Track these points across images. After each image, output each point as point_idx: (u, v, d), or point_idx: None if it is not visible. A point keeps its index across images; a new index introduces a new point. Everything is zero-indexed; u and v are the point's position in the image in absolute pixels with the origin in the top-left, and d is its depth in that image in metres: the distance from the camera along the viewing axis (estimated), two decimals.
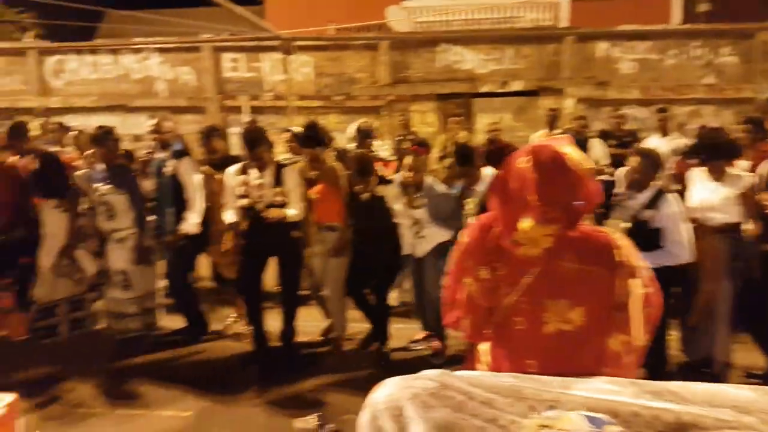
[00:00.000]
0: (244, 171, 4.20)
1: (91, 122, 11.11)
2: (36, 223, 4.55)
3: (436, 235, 4.08)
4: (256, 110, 12.46)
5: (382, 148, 6.02)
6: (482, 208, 3.86)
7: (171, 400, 3.74)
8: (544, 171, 1.69)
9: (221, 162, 4.58)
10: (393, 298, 4.84)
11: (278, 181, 4.15)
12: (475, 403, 1.54)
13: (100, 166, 4.55)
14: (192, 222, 4.48)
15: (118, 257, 4.49)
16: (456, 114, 10.19)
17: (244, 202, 4.13)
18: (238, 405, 3.70)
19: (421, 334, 4.43)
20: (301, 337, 4.51)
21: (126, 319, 4.57)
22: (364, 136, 5.61)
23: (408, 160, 4.20)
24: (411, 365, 4.16)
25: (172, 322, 4.84)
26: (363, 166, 4.21)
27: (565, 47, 10.80)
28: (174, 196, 4.53)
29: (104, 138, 4.48)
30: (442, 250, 3.99)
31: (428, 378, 1.61)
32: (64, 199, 4.41)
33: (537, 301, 1.78)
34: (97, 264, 4.60)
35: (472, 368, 1.95)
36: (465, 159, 4.09)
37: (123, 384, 3.95)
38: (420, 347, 4.39)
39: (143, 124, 12.66)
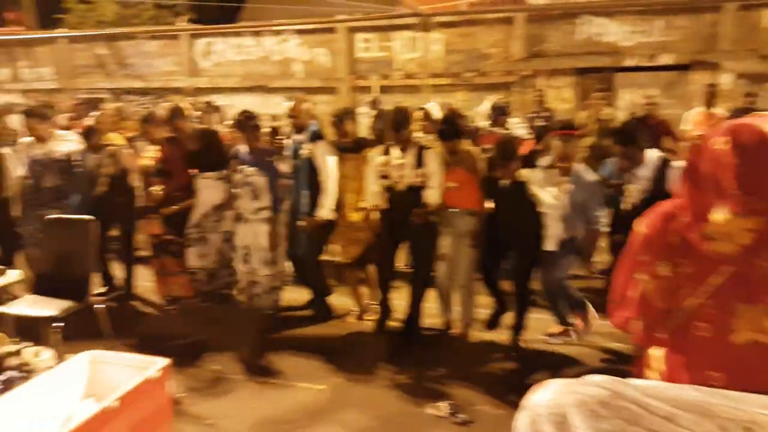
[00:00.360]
0: (386, 151, 4.17)
1: (234, 102, 11.80)
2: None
3: (573, 225, 3.82)
4: (385, 90, 12.51)
5: (518, 126, 5.71)
6: (650, 196, 3.52)
7: (304, 374, 3.83)
8: (747, 154, 1.42)
9: (353, 145, 4.52)
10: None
11: (419, 162, 4.08)
12: (655, 418, 1.34)
13: (244, 148, 4.74)
14: (327, 207, 4.47)
15: (264, 235, 4.67)
16: (599, 89, 9.53)
17: (385, 182, 4.11)
18: (369, 384, 3.71)
19: (558, 328, 4.19)
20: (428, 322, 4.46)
21: (262, 295, 4.73)
22: (500, 113, 5.35)
23: (557, 144, 3.90)
24: (545, 360, 4.00)
25: (298, 300, 4.98)
26: (506, 149, 3.96)
27: (724, 17, 9.67)
28: (309, 178, 4.56)
29: (245, 123, 4.63)
30: (573, 242, 3.78)
31: (597, 384, 1.43)
32: (222, 171, 4.69)
33: (726, 306, 1.53)
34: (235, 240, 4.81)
35: (641, 375, 1.74)
36: (628, 138, 3.72)
37: (259, 356, 4.10)
38: (556, 341, 4.14)
39: (281, 104, 13.26)
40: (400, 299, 4.43)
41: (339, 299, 4.92)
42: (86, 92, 13.43)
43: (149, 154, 4.99)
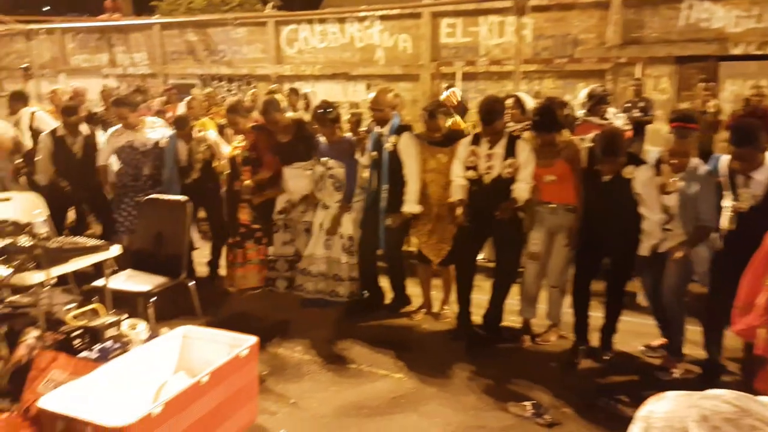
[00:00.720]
0: (475, 141, 4.03)
1: (316, 89, 11.94)
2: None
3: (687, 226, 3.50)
4: (468, 77, 12.27)
5: (617, 116, 5.39)
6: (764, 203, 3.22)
7: (381, 363, 3.80)
8: None
9: (444, 140, 4.31)
10: None
11: (509, 153, 3.91)
12: None
13: (323, 140, 4.74)
14: (411, 201, 4.32)
15: (347, 223, 4.67)
16: (702, 79, 8.96)
17: (471, 174, 3.98)
18: (447, 379, 3.62)
19: (658, 341, 3.91)
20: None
21: (343, 282, 4.73)
22: (598, 101, 5.03)
23: (671, 138, 3.54)
24: (636, 367, 3.77)
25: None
26: (611, 142, 3.62)
27: None
28: (391, 173, 4.40)
29: (323, 116, 4.61)
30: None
31: (722, 399, 1.30)
32: (309, 162, 4.73)
33: None
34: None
35: (765, 390, 1.58)
36: (745, 138, 3.27)
37: (338, 344, 4.11)
38: (653, 355, 3.87)
39: (362, 92, 13.28)
40: (480, 295, 4.31)
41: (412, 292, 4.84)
42: (177, 78, 14.00)
43: (236, 143, 5.08)
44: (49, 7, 13.22)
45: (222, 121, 5.86)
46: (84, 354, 3.00)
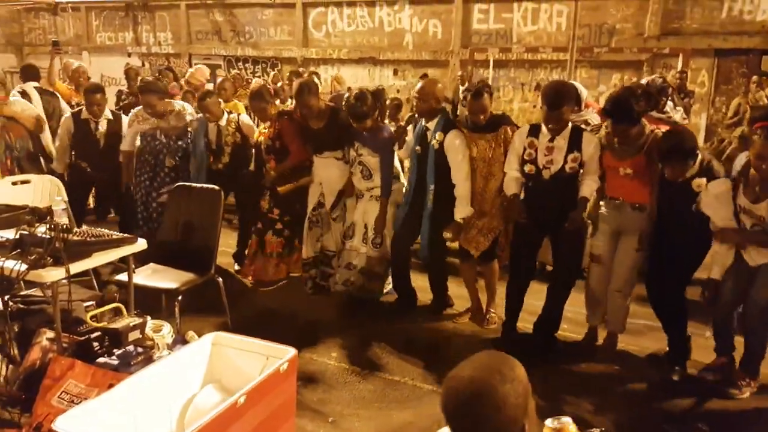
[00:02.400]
0: (533, 132, 3.66)
1: (341, 73, 11.62)
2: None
3: None
4: (500, 64, 11.88)
5: (676, 109, 4.96)
6: None
7: (424, 374, 3.48)
8: None
9: (487, 125, 3.93)
10: None
11: (573, 146, 3.53)
12: None
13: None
14: (464, 208, 3.92)
15: (370, 213, 4.32)
16: (746, 73, 8.49)
17: (529, 167, 3.62)
18: None
19: (719, 359, 3.50)
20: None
21: (374, 279, 4.42)
22: (658, 93, 4.60)
23: (758, 141, 3.04)
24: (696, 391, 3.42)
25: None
26: (680, 142, 3.25)
27: None
28: (437, 173, 4.00)
29: (354, 111, 4.14)
30: None
31: None
32: (341, 151, 4.38)
33: None
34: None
35: None
36: None
37: (377, 350, 3.79)
38: (711, 377, 3.47)
39: (389, 76, 12.93)
40: (532, 300, 3.96)
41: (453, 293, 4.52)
42: (201, 58, 13.72)
43: (261, 129, 4.79)
44: None
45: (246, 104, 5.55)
46: (103, 360, 2.71)
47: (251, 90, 5.03)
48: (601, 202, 3.73)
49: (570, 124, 3.59)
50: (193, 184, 3.88)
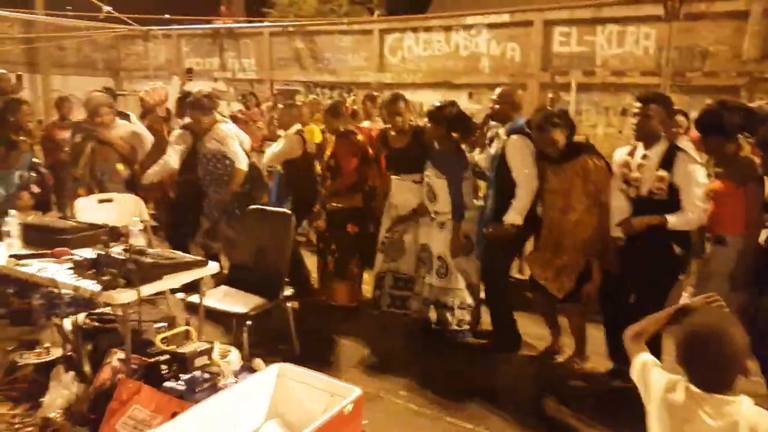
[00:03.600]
0: (632, 152, 3.40)
1: (416, 98, 11.60)
2: (370, 196, 4.66)
3: None
4: (583, 88, 11.50)
5: None
6: None
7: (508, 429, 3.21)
8: None
9: (563, 156, 3.66)
10: None
11: (665, 164, 3.23)
12: None
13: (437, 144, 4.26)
14: (517, 211, 3.74)
15: (438, 241, 4.15)
16: None
17: (623, 188, 3.35)
18: None
19: None
20: None
21: (441, 308, 4.18)
22: (761, 121, 4.23)
23: None
24: None
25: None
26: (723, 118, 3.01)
27: None
28: (497, 177, 3.88)
29: (437, 114, 4.11)
30: None
31: None
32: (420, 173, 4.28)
33: None
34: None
35: None
36: None
37: (451, 392, 3.54)
38: None
39: (464, 101, 12.81)
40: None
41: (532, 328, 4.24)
42: (282, 84, 14.15)
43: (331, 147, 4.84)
44: (168, 15, 13.93)
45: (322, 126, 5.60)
46: (170, 384, 2.68)
47: (327, 105, 5.09)
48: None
49: (664, 139, 3.28)
50: (267, 208, 3.87)
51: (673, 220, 3.19)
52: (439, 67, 12.76)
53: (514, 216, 3.72)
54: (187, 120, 4.97)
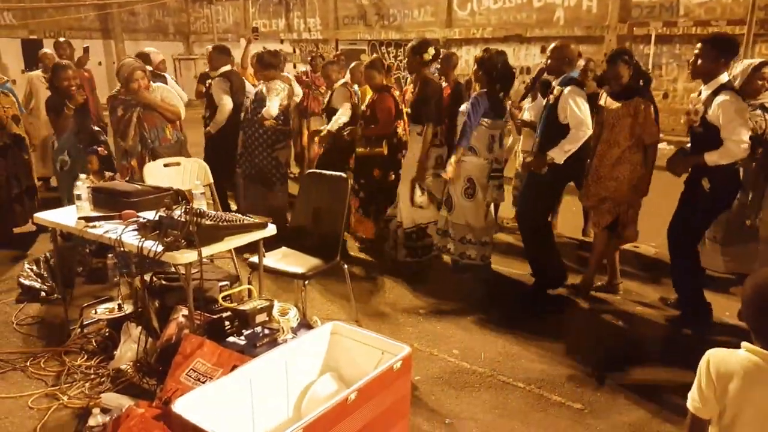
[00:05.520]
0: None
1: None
2: (397, 147, 4.89)
3: None
4: (663, 39, 10.78)
5: None
6: None
7: (557, 387, 3.17)
8: None
9: (623, 93, 3.87)
10: None
11: (708, 101, 3.47)
12: None
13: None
14: (560, 149, 3.85)
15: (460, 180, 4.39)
16: None
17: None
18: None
19: None
20: None
21: (467, 245, 4.49)
22: None
23: None
24: None
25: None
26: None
27: None
28: (545, 126, 4.00)
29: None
30: None
31: None
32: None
33: None
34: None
35: None
36: None
37: (502, 348, 3.56)
38: None
39: (536, 56, 12.28)
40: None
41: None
42: (347, 43, 14.03)
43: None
44: None
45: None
46: (232, 339, 2.82)
47: (368, 60, 5.25)
48: None
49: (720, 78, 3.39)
50: (324, 171, 3.91)
51: (711, 158, 3.36)
52: (510, 20, 12.28)
53: (557, 152, 3.88)
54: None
